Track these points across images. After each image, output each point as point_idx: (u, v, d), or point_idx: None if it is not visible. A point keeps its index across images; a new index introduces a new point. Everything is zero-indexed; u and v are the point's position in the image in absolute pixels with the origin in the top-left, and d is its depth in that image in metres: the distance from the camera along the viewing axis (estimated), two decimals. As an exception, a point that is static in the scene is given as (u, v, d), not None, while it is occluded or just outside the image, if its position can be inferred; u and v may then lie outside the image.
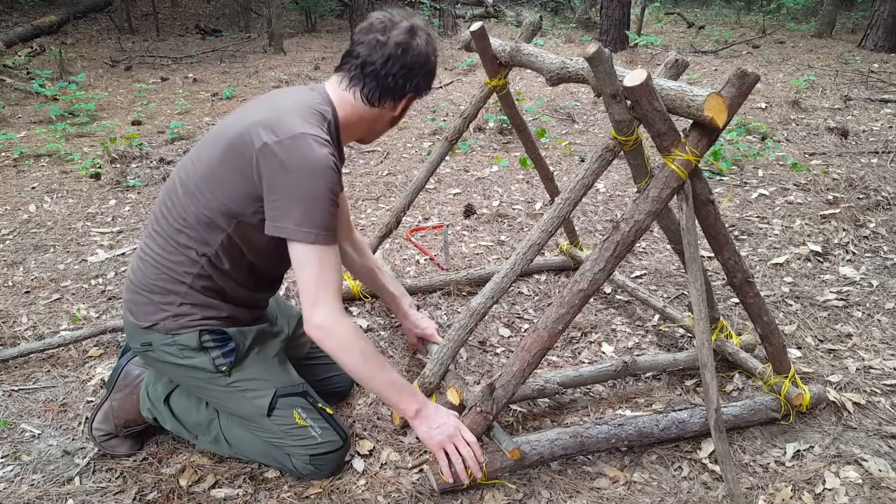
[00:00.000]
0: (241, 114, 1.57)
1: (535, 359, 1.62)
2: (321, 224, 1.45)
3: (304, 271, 1.47)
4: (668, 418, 1.82)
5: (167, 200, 1.59)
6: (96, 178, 3.89)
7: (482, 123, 5.01)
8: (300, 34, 10.00)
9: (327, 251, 1.47)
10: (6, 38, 8.03)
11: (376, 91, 1.58)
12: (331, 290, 1.49)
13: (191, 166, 1.57)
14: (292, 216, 1.44)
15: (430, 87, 1.66)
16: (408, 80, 1.58)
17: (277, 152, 1.42)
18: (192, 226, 1.53)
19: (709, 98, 1.43)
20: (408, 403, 1.59)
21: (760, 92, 6.11)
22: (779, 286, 2.72)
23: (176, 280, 1.57)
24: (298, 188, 1.43)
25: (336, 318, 1.49)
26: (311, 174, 1.42)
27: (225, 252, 1.56)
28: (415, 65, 1.57)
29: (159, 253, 1.58)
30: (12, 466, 1.73)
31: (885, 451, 1.83)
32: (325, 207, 1.45)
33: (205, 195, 1.51)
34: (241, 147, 1.47)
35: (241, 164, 1.47)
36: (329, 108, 1.58)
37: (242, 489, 1.67)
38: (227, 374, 1.62)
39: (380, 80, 1.56)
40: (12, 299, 2.57)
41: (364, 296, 2.56)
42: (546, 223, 1.81)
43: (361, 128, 1.66)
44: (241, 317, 1.66)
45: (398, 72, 1.56)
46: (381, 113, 1.63)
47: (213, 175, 1.51)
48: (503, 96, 2.33)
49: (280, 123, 1.46)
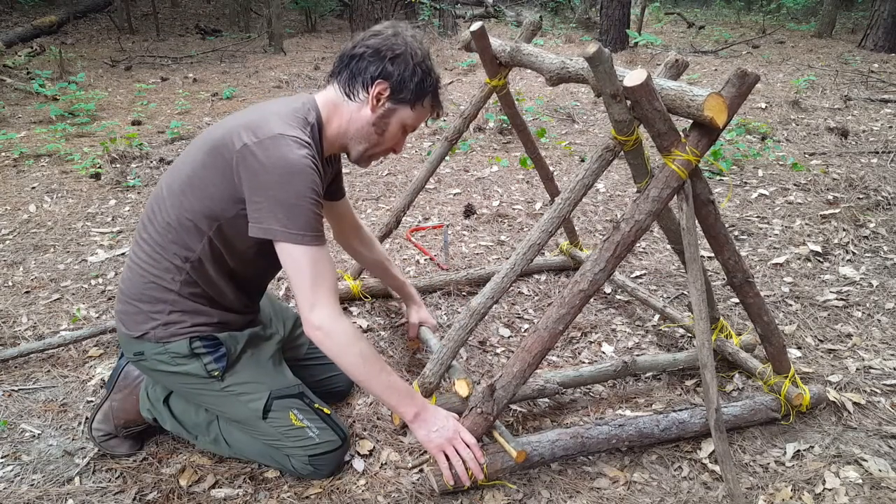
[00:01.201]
0: (228, 120, 1.58)
1: (536, 359, 1.62)
2: (306, 225, 1.44)
3: (297, 274, 1.46)
4: (668, 419, 1.82)
5: (154, 206, 1.59)
6: (96, 178, 3.89)
7: (482, 123, 5.01)
8: (300, 34, 10.00)
9: (318, 251, 1.47)
10: (6, 38, 8.03)
11: (349, 77, 1.55)
12: (327, 291, 1.48)
13: (176, 171, 1.58)
14: (277, 217, 1.43)
15: (406, 80, 1.54)
16: (375, 64, 1.53)
17: (257, 153, 1.42)
18: (175, 229, 1.54)
19: (709, 98, 1.43)
20: (406, 407, 1.58)
21: (760, 92, 6.11)
22: (779, 286, 2.72)
23: (164, 288, 1.57)
24: (279, 189, 1.42)
25: (335, 318, 1.48)
26: (290, 174, 1.41)
27: (207, 258, 1.56)
28: (383, 47, 1.53)
29: (146, 261, 1.58)
30: (12, 466, 1.73)
31: (885, 451, 1.83)
32: (307, 207, 1.44)
33: (188, 197, 1.52)
34: (222, 149, 1.47)
35: (222, 165, 1.47)
36: (314, 112, 1.56)
37: (242, 489, 1.67)
38: (219, 378, 1.62)
39: (352, 64, 1.55)
40: (12, 299, 2.57)
41: (364, 296, 2.56)
42: (546, 223, 1.81)
43: (340, 125, 1.60)
44: (232, 322, 1.66)
45: (368, 54, 1.53)
46: (358, 108, 1.57)
47: (195, 177, 1.51)
48: (503, 96, 2.33)
49: (260, 125, 1.46)
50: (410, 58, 1.54)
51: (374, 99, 1.55)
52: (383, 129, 1.60)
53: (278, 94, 6.33)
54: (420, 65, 1.55)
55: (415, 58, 1.54)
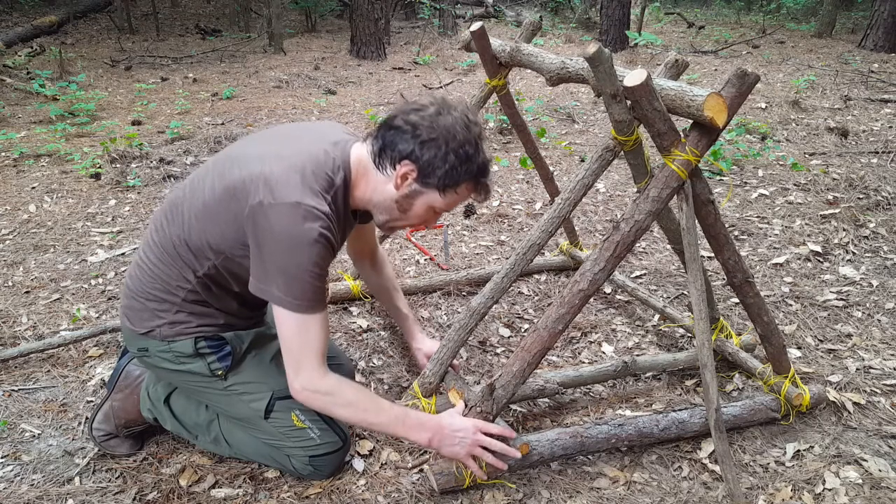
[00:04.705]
0: (251, 149, 1.53)
1: (536, 359, 1.62)
2: (302, 295, 1.43)
3: (287, 338, 1.47)
4: (668, 418, 1.82)
5: (168, 213, 1.58)
6: (96, 178, 3.88)
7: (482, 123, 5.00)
8: (300, 34, 10.00)
9: (311, 319, 1.46)
10: (6, 38, 8.03)
11: (381, 147, 1.48)
12: (313, 356, 1.49)
13: (195, 191, 1.54)
14: (277, 283, 1.42)
15: (436, 165, 1.44)
16: (407, 142, 1.44)
17: (270, 216, 1.39)
18: (184, 247, 1.53)
19: (709, 98, 1.43)
20: (417, 435, 1.57)
21: (760, 92, 6.11)
22: (779, 286, 2.72)
23: (170, 292, 1.57)
24: (283, 257, 1.40)
25: (319, 379, 1.49)
26: (298, 248, 1.39)
27: (212, 280, 1.56)
28: (420, 127, 1.44)
29: (155, 263, 1.58)
30: (12, 466, 1.73)
31: (885, 451, 1.83)
32: (308, 280, 1.42)
33: (200, 224, 1.50)
34: (238, 195, 1.44)
35: (236, 210, 1.44)
36: (343, 173, 1.49)
37: (242, 489, 1.67)
38: (223, 378, 1.62)
39: (387, 135, 1.47)
40: (12, 299, 2.57)
41: (364, 296, 2.56)
42: (546, 223, 1.81)
43: (365, 192, 1.54)
44: (237, 324, 1.67)
45: (403, 129, 1.45)
46: (385, 181, 1.50)
47: (208, 210, 1.49)
48: (503, 96, 2.33)
49: (280, 184, 1.40)
50: (446, 143, 1.43)
51: (399, 178, 1.48)
52: (406, 209, 1.54)
53: (278, 94, 6.33)
54: (457, 150, 1.44)
55: (451, 142, 1.44)
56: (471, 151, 1.46)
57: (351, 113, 5.64)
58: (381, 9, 8.43)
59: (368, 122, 5.23)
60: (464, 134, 1.45)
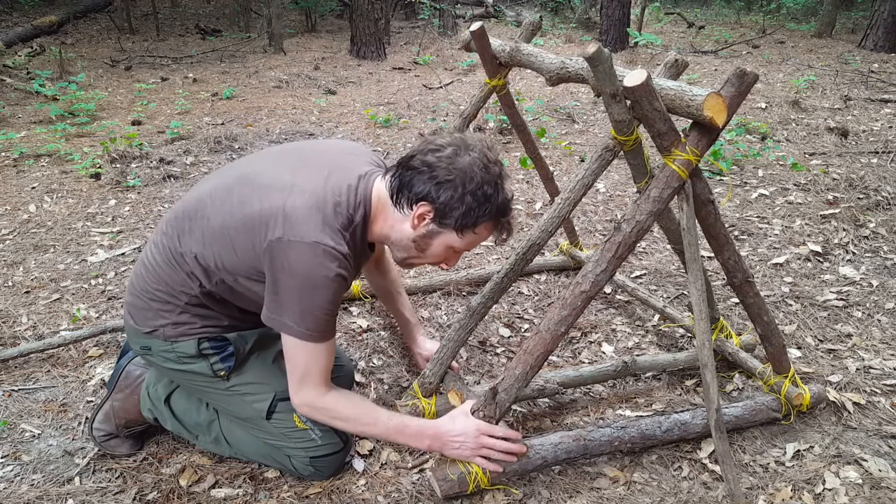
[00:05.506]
0: (273, 176, 1.50)
1: (538, 361, 1.61)
2: (315, 327, 1.44)
3: (293, 357, 1.50)
4: (670, 420, 1.82)
5: (181, 223, 1.56)
6: (96, 178, 3.88)
7: (482, 123, 5.00)
8: (300, 34, 10.00)
9: (318, 347, 1.48)
10: (6, 38, 8.03)
11: (398, 186, 1.47)
12: (317, 377, 1.51)
13: (211, 208, 1.52)
14: (290, 316, 1.43)
15: (452, 207, 1.43)
16: (424, 184, 1.44)
17: (288, 253, 1.39)
18: (194, 261, 1.53)
19: (708, 98, 1.43)
20: (418, 442, 1.59)
21: (760, 92, 6.11)
22: (779, 286, 2.72)
23: (173, 295, 1.57)
24: (299, 295, 1.41)
25: (318, 400, 1.53)
26: (314, 287, 1.40)
27: (217, 293, 1.57)
28: (437, 168, 1.43)
29: (161, 265, 1.57)
30: (12, 466, 1.73)
31: (885, 451, 1.83)
32: (321, 316, 1.44)
33: (216, 243, 1.50)
34: (257, 226, 1.43)
35: (254, 240, 1.44)
36: (363, 209, 1.50)
37: (242, 489, 1.67)
38: (225, 378, 1.63)
39: (405, 175, 1.47)
40: (12, 299, 2.57)
41: (364, 296, 2.56)
42: (546, 223, 1.81)
43: (383, 228, 1.55)
44: (241, 325, 1.67)
45: (420, 170, 1.45)
46: (402, 220, 1.51)
47: (226, 234, 1.48)
48: (503, 96, 2.33)
49: (300, 222, 1.40)
50: (462, 184, 1.42)
51: (416, 218, 1.48)
52: (424, 248, 1.54)
53: (278, 94, 6.33)
54: (474, 192, 1.43)
55: (469, 183, 1.43)
56: (489, 191, 1.45)
57: (351, 113, 5.64)
58: (381, 9, 8.43)
59: (368, 122, 5.23)
60: (482, 175, 1.44)
